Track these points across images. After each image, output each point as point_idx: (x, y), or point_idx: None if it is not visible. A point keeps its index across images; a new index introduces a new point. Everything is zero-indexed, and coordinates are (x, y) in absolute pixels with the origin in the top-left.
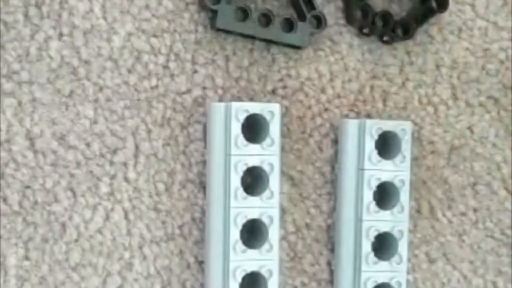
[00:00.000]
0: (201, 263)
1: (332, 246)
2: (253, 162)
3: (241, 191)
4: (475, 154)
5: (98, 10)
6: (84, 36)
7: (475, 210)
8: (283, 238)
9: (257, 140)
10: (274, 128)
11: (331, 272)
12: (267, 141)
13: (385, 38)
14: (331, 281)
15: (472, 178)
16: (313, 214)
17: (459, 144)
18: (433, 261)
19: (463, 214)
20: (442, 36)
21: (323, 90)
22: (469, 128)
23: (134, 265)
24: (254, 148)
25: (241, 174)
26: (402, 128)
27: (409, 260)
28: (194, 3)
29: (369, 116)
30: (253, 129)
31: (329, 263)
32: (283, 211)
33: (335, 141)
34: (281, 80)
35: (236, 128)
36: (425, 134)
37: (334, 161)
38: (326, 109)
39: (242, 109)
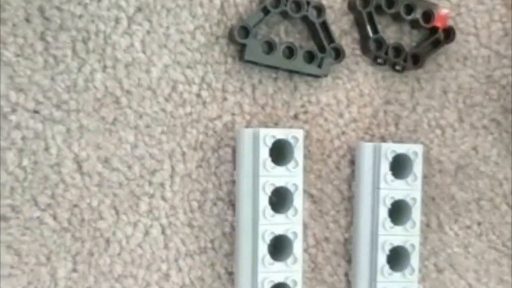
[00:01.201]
0: (231, 274)
1: (349, 258)
2: (279, 182)
3: (269, 209)
4: (479, 172)
5: (138, 45)
6: (126, 69)
7: (479, 224)
8: (304, 250)
9: (283, 162)
10: (298, 152)
11: (349, 283)
12: (292, 163)
13: (397, 67)
14: None
15: (476, 194)
16: (332, 229)
17: (464, 163)
18: (441, 271)
19: (468, 227)
20: (449, 64)
21: (340, 115)
22: (474, 149)
23: (170, 276)
24: (280, 170)
25: (269, 194)
26: (414, 151)
27: (419, 270)
28: (224, 37)
29: (382, 138)
30: (278, 151)
31: (346, 274)
32: (304, 226)
33: (352, 162)
34: (302, 106)
35: (264, 153)
36: (434, 154)
37: (351, 180)
38: (343, 132)
39: (270, 135)
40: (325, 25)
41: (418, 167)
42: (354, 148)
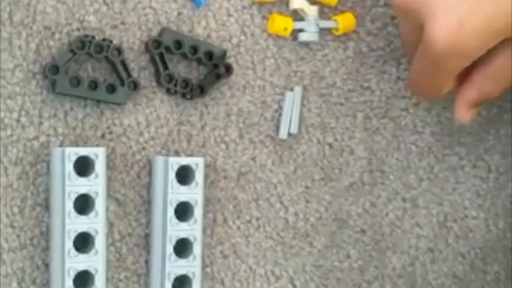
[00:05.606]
0: (47, 265)
1: (148, 249)
2: (82, 190)
3: (73, 212)
4: (257, 178)
5: None
6: None
7: (257, 219)
8: (111, 244)
9: (86, 174)
10: (99, 166)
11: (147, 268)
12: (93, 175)
13: (187, 96)
14: (147, 275)
15: (255, 195)
16: (134, 226)
17: (245, 171)
18: (226, 257)
19: (248, 222)
20: (231, 92)
21: (141, 134)
22: (253, 159)
23: None
24: (82, 180)
25: (73, 199)
26: (196, 162)
27: (207, 257)
28: (39, 73)
29: (177, 152)
30: (84, 166)
31: (146, 262)
32: (111, 224)
33: (150, 171)
34: (108, 128)
35: (68, 166)
36: (219, 164)
37: (149, 186)
38: (143, 148)
39: (73, 152)
40: (124, 63)
41: (199, 176)
42: (152, 161)
